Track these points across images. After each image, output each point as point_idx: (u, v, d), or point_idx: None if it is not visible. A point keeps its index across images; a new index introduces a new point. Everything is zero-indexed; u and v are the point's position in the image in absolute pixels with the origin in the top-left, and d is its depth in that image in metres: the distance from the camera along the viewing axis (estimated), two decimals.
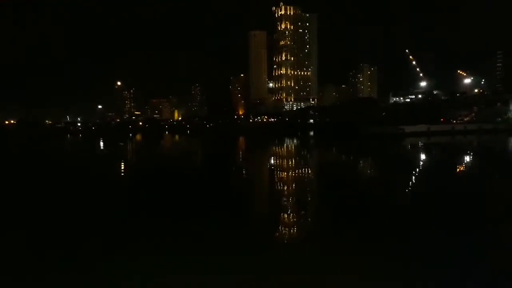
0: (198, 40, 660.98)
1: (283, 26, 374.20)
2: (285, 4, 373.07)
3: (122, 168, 51.54)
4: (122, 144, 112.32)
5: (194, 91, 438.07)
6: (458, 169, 42.72)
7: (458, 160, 52.68)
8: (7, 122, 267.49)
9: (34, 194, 30.67)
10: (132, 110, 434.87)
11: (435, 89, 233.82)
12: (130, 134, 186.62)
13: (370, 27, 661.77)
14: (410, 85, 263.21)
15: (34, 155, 79.86)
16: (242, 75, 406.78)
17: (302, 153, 71.67)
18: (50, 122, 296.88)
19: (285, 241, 17.92)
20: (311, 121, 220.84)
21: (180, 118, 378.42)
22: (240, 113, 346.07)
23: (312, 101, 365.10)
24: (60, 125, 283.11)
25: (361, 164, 51.64)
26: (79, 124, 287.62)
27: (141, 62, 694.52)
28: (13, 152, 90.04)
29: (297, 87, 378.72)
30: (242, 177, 40.61)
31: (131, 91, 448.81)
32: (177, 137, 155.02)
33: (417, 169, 43.27)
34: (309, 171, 44.11)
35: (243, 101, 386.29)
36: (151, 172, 44.50)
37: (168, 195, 28.98)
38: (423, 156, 59.43)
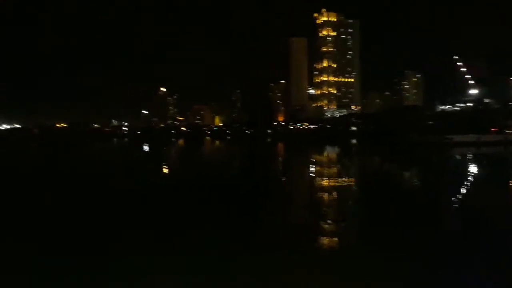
0: (238, 47, 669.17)
1: (324, 33, 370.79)
2: (327, 10, 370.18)
3: (166, 171, 52.92)
4: (165, 148, 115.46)
5: (235, 98, 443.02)
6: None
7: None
8: (58, 126, 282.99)
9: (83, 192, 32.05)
10: (175, 116, 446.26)
11: (486, 97, 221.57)
12: (173, 139, 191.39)
13: (415, 33, 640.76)
14: (458, 93, 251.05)
15: (81, 157, 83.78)
16: (282, 81, 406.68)
17: (344, 161, 70.23)
18: (98, 126, 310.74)
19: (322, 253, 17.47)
20: (354, 128, 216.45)
21: (220, 124, 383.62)
22: (280, 119, 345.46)
23: (354, 108, 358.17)
24: (107, 129, 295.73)
25: (408, 174, 49.70)
26: (125, 128, 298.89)
27: (182, 68, 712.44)
28: (63, 154, 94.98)
29: (339, 94, 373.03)
30: (281, 184, 40.35)
31: (174, 97, 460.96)
32: (217, 142, 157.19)
33: (470, 181, 41.00)
34: (352, 180, 42.99)
35: (283, 108, 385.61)
36: (192, 175, 45.30)
37: (208, 199, 29.28)
38: (473, 167, 56.32)
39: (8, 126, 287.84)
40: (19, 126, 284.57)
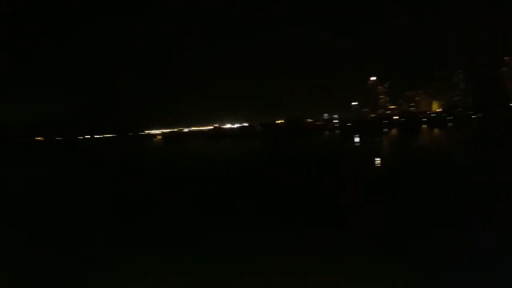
0: (457, 23, 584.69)
1: None
2: None
3: (378, 163, 48.96)
4: (377, 139, 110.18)
5: (457, 79, 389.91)
6: None
7: None
8: (277, 122, 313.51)
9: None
10: (386, 105, 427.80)
11: None
12: (385, 129, 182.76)
13: None
14: None
15: (299, 148, 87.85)
16: None
17: None
18: (311, 120, 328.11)
19: None
20: None
21: (440, 110, 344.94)
22: None
23: None
24: (319, 123, 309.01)
25: None
26: (335, 121, 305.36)
27: (391, 54, 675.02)
28: (285, 145, 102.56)
29: None
30: None
31: (385, 85, 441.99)
32: (436, 130, 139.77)
33: None
34: None
35: None
36: (407, 169, 39.76)
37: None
38: None
39: (238, 125, 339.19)
40: (246, 124, 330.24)
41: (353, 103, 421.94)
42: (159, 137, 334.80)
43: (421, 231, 17.88)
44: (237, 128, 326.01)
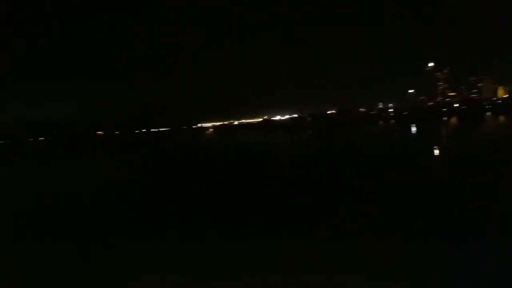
0: None
1: None
2: None
3: (436, 154, 46.44)
4: (435, 128, 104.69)
5: None
6: None
7: None
8: (328, 112, 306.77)
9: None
10: (446, 92, 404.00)
11: None
12: (445, 118, 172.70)
13: None
14: None
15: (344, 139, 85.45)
16: None
17: None
18: (364, 109, 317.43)
19: None
20: None
21: (506, 96, 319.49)
22: None
23: None
24: (373, 112, 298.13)
25: None
26: (390, 110, 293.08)
27: (451, 40, 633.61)
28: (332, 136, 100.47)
29: None
30: None
31: (444, 71, 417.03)
32: (501, 118, 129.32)
33: None
34: None
35: None
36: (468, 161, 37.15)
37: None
38: None
39: (288, 116, 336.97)
40: (296, 115, 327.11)
41: (409, 91, 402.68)
42: (211, 130, 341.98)
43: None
44: (287, 119, 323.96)
